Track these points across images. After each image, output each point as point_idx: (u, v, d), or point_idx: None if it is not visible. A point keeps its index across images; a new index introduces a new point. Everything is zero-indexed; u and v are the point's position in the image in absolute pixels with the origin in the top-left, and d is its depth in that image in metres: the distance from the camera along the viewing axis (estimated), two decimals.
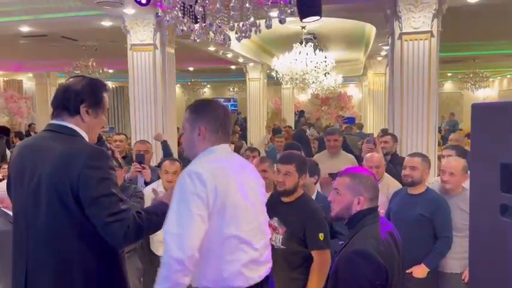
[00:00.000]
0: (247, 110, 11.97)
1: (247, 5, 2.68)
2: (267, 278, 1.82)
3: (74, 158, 1.61)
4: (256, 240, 1.76)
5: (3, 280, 2.46)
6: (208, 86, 18.76)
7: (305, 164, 2.69)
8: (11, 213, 2.63)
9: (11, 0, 5.48)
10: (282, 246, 2.53)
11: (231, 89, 19.16)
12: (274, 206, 2.57)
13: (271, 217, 2.52)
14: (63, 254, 1.63)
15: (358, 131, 8.28)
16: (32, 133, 11.79)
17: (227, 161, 1.79)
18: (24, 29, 6.58)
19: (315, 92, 13.29)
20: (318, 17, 4.74)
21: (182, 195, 1.63)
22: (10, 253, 2.36)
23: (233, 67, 13.18)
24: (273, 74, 9.29)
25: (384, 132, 6.03)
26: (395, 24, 5.28)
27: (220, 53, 9.74)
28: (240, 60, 11.03)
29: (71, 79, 1.80)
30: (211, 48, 9.03)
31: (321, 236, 2.45)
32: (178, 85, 15.74)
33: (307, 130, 9.96)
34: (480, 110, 1.32)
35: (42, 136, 1.78)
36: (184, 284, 1.59)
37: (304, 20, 4.79)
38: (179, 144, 6.34)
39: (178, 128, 6.66)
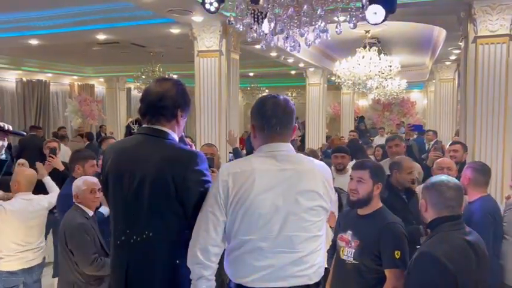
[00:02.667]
0: (306, 116, 11.89)
1: (319, 11, 2.68)
2: None
3: (176, 162, 1.70)
4: (272, 252, 1.65)
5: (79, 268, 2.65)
6: (267, 90, 18.89)
7: (381, 171, 2.49)
8: (85, 209, 2.82)
9: (90, 11, 5.86)
10: (353, 261, 2.35)
11: (290, 94, 19.15)
12: (349, 219, 2.50)
13: (345, 230, 2.46)
14: (164, 251, 1.72)
15: (435, 139, 7.92)
16: (102, 134, 12.52)
17: (263, 164, 1.68)
18: (101, 36, 7.02)
19: (377, 97, 12.94)
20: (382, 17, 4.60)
21: (208, 193, 1.71)
22: (87, 244, 2.53)
23: (293, 72, 13.18)
24: (334, 78, 9.17)
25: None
26: (470, 27, 5.01)
27: (282, 58, 9.78)
28: (301, 65, 11.01)
29: (159, 84, 1.84)
30: (273, 54, 9.09)
31: (397, 253, 2.21)
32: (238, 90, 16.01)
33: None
34: None
35: (136, 139, 1.85)
36: (203, 276, 1.66)
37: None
38: (241, 147, 6.46)
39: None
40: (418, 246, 2.15)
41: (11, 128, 1.83)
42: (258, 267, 1.65)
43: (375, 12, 2.88)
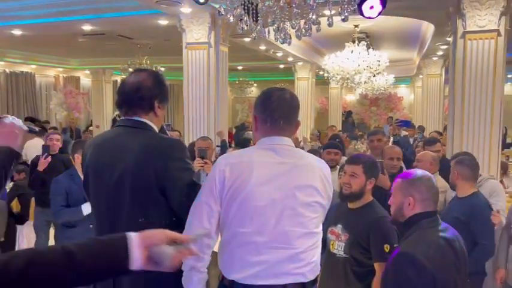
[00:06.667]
0: None
1: (311, 2, 2.64)
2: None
3: (157, 151, 1.67)
4: (266, 247, 1.60)
5: None
6: (255, 85, 18.83)
7: (375, 166, 2.49)
8: None
9: (75, 0, 5.73)
10: (344, 255, 2.37)
11: None
12: (339, 213, 2.49)
13: (335, 224, 2.46)
14: None
15: (419, 132, 7.99)
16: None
17: (262, 156, 1.65)
18: (86, 27, 6.88)
19: (364, 92, 13.00)
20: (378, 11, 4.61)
21: (204, 183, 1.68)
22: None
23: (281, 66, 13.15)
24: (323, 73, 9.18)
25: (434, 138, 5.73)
26: (458, 22, 5.04)
27: (271, 52, 9.73)
28: (290, 59, 10.98)
29: (135, 75, 1.81)
30: (262, 47, 9.04)
31: (387, 247, 2.23)
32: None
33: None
34: None
35: (115, 132, 1.82)
36: (195, 268, 1.63)
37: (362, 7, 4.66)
38: (229, 141, 6.43)
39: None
40: (396, 245, 2.13)
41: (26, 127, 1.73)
42: (252, 262, 1.60)
43: (372, 6, 2.87)
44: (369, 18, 3.09)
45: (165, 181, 1.65)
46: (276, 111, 1.67)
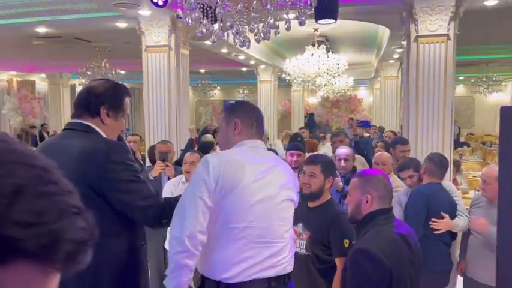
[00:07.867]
0: None
1: (268, 6, 2.69)
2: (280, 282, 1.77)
3: (95, 154, 1.65)
4: (258, 242, 1.69)
5: None
6: (218, 88, 18.80)
7: (331, 166, 2.59)
8: None
9: (28, 2, 5.53)
10: (306, 253, 2.42)
11: (241, 91, 19.18)
12: (299, 212, 2.49)
13: (296, 223, 2.46)
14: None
15: (377, 132, 8.24)
16: (44, 133, 11.90)
17: (250, 156, 1.76)
18: (41, 30, 6.63)
19: (325, 95, 13.26)
20: (333, 21, 4.76)
21: (192, 180, 1.71)
22: None
23: (244, 69, 13.19)
24: (285, 76, 9.30)
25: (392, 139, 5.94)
26: (411, 27, 5.25)
27: (233, 55, 9.75)
28: (252, 62, 11.04)
29: (94, 81, 1.85)
30: (224, 50, 9.05)
31: (346, 242, 2.30)
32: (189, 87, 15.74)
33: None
34: (510, 113, 1.29)
35: (61, 135, 1.84)
36: (188, 266, 1.61)
37: (319, 22, 4.83)
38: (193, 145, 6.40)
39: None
40: (354, 242, 2.21)
41: None
42: (242, 258, 1.66)
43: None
44: (326, 24, 3.20)
45: (104, 184, 1.62)
46: (260, 119, 1.91)
